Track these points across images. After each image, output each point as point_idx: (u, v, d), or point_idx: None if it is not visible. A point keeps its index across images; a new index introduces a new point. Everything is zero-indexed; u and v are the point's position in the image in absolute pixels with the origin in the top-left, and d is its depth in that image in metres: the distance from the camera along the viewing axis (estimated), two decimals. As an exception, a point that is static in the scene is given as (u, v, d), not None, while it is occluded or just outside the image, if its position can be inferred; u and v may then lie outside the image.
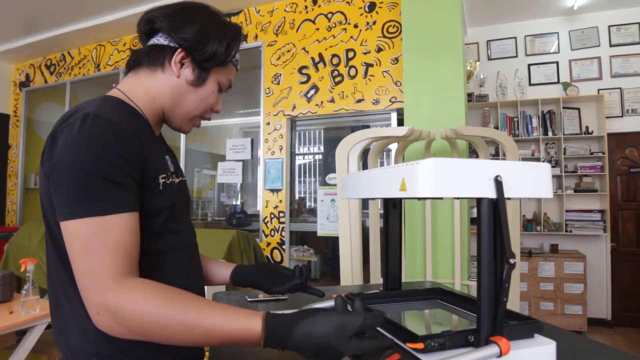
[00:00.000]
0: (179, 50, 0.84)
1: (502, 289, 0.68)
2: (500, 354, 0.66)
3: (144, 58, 0.86)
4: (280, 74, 4.26)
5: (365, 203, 3.44)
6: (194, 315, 0.65)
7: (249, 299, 1.41)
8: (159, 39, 0.85)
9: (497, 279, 0.69)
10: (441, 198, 0.83)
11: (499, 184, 0.67)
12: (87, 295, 0.67)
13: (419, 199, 1.13)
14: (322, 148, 4.57)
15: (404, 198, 0.90)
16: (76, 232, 0.68)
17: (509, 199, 0.73)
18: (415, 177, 0.65)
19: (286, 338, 0.62)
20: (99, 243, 0.67)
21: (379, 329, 0.76)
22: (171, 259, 0.82)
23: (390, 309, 0.97)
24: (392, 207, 1.01)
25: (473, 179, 0.66)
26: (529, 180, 0.72)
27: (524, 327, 0.76)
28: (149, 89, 0.85)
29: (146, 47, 0.87)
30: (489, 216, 0.68)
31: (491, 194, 0.67)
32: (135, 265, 0.72)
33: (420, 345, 0.66)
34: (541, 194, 0.72)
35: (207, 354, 0.98)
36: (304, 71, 4.15)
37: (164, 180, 0.80)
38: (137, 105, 0.84)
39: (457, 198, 0.77)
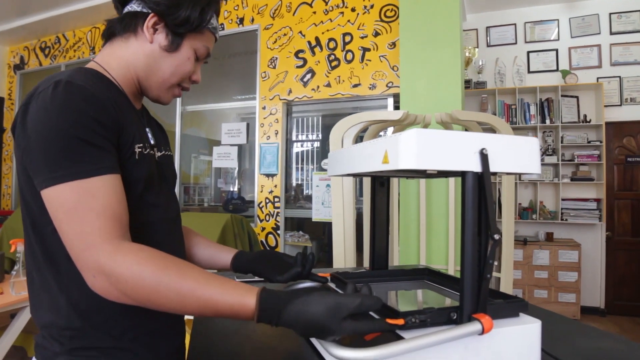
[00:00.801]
0: (152, 14, 0.82)
1: (486, 266, 0.67)
2: (483, 332, 0.65)
3: (117, 26, 0.84)
4: (277, 58, 4.21)
5: (360, 190, 3.42)
6: (190, 285, 0.64)
7: (237, 280, 1.40)
8: (132, 6, 0.83)
9: (481, 255, 0.67)
10: (424, 172, 0.81)
11: (484, 157, 0.65)
12: (81, 258, 0.66)
13: (407, 176, 1.11)
14: (319, 135, 4.55)
15: (387, 174, 0.87)
16: (60, 198, 0.66)
17: (494, 173, 0.71)
18: (397, 148, 0.63)
19: (279, 315, 0.62)
20: (86, 207, 0.66)
21: (372, 313, 0.73)
22: (146, 233, 0.80)
23: (376, 288, 0.95)
24: (380, 185, 0.99)
25: (457, 151, 0.64)
26: (516, 155, 0.69)
27: (508, 305, 0.74)
28: (122, 57, 0.84)
29: (120, 15, 0.85)
30: (474, 191, 0.66)
31: (476, 167, 0.65)
32: (126, 228, 0.70)
33: (401, 321, 0.64)
34: (528, 169, 0.70)
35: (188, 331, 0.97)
36: (300, 55, 4.10)
37: (140, 149, 0.78)
38: (112, 76, 0.82)
39: (441, 172, 0.75)
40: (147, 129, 0.87)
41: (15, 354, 2.90)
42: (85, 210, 0.66)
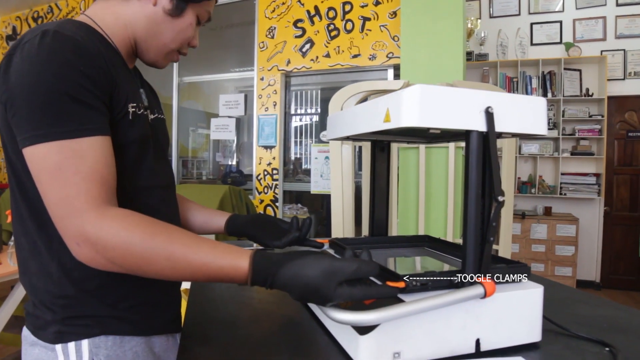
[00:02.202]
0: None
1: (490, 228, 0.65)
2: (485, 295, 0.63)
3: None
4: (275, 28, 4.12)
5: (359, 165, 3.40)
6: (180, 250, 0.62)
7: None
8: None
9: (485, 218, 0.65)
10: (426, 135, 0.78)
11: (489, 115, 0.62)
12: (63, 225, 0.62)
13: (408, 140, 1.08)
14: (318, 109, 4.49)
15: (387, 138, 0.84)
16: (44, 158, 0.61)
17: (500, 134, 0.69)
18: (400, 105, 0.60)
19: (273, 277, 0.60)
20: (72, 169, 0.61)
21: (371, 278, 0.71)
22: (141, 199, 0.77)
23: (375, 255, 0.94)
24: (380, 151, 0.96)
25: (462, 109, 0.62)
26: (522, 114, 0.67)
27: (511, 270, 0.73)
28: (120, 16, 0.78)
29: None
30: (478, 150, 0.63)
31: (481, 126, 0.63)
32: (113, 193, 0.67)
33: (402, 284, 0.63)
34: (535, 129, 0.68)
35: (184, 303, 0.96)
36: (299, 25, 4.01)
37: (134, 109, 0.74)
38: (105, 32, 0.76)
39: (444, 134, 0.72)
40: (141, 90, 0.83)
41: (15, 323, 2.92)
42: (70, 173, 0.61)
